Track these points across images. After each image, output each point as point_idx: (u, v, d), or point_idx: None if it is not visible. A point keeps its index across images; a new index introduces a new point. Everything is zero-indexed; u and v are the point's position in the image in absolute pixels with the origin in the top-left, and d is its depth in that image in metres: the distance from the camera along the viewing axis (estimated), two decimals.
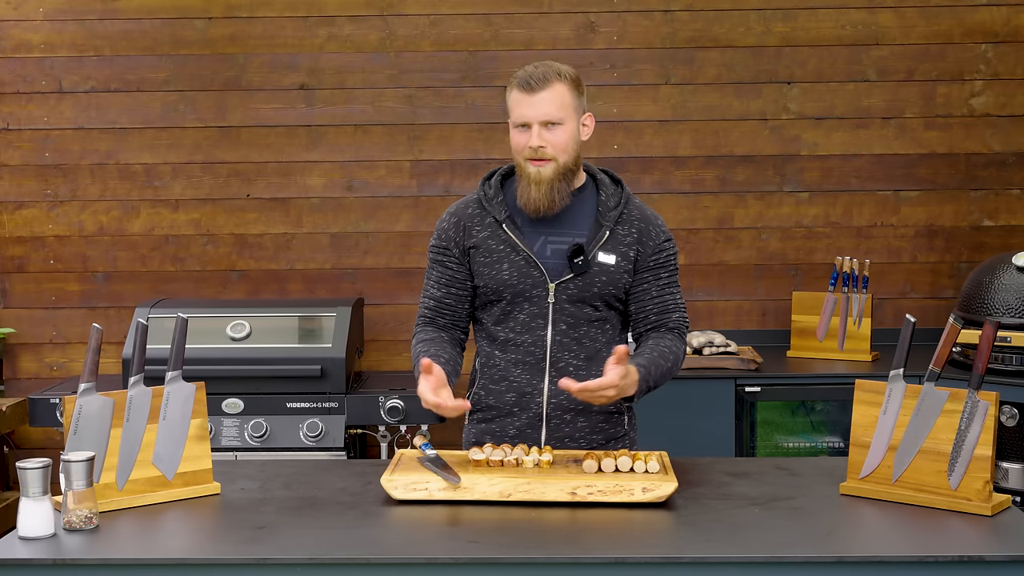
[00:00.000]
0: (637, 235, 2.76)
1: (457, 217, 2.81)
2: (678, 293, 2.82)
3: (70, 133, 4.68)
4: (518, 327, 2.75)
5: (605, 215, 2.75)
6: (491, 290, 2.75)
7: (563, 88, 2.68)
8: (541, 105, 2.66)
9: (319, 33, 4.65)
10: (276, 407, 4.14)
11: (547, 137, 2.67)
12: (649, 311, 2.78)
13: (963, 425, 2.37)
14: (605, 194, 2.77)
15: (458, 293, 2.79)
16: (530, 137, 2.67)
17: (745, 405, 4.11)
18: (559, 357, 2.74)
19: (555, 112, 2.67)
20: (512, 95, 2.71)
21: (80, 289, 4.73)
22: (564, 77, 2.69)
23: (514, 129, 2.72)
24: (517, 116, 2.69)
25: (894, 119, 4.67)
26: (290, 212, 4.71)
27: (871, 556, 2.12)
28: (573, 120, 2.70)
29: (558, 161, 2.68)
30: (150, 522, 2.36)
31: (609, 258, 2.73)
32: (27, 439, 4.77)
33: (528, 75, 2.68)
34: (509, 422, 2.78)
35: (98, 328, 2.42)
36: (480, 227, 2.77)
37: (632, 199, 2.81)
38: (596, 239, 2.73)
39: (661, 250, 2.78)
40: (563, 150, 2.69)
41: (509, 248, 2.74)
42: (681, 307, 2.82)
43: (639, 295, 2.78)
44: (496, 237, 2.75)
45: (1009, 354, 3.86)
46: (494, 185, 2.80)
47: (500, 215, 2.75)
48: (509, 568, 2.12)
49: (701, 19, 4.64)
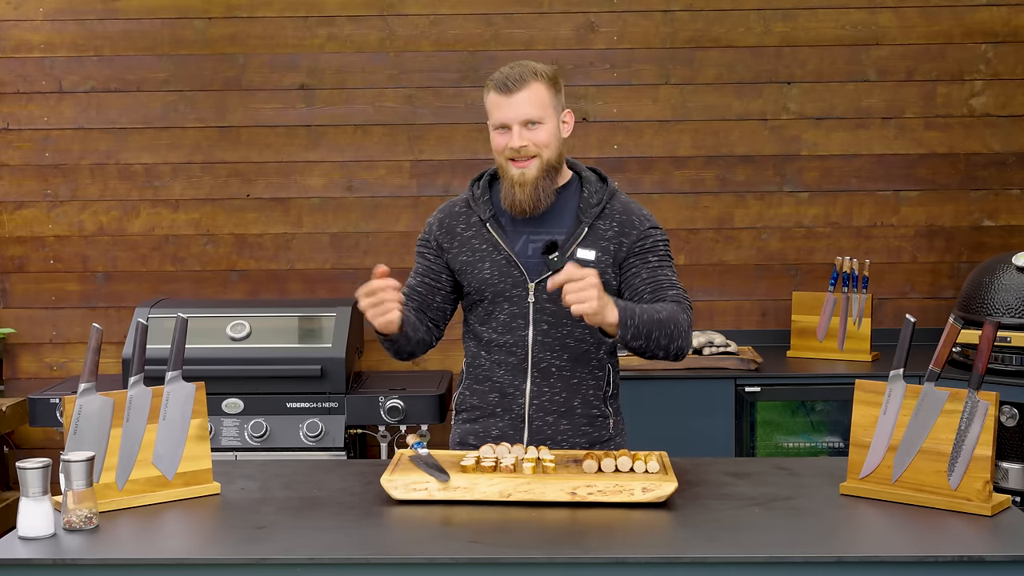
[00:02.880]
0: (618, 227, 2.73)
1: (443, 214, 2.84)
2: (673, 275, 2.73)
3: (70, 133, 4.68)
4: (500, 327, 2.75)
5: (586, 211, 2.73)
6: (474, 289, 2.77)
7: (540, 87, 2.67)
8: (520, 106, 2.66)
9: (319, 33, 4.65)
10: (276, 407, 4.14)
11: (528, 136, 2.67)
12: (642, 292, 2.69)
13: (963, 425, 2.37)
14: (588, 191, 2.76)
15: (431, 284, 2.81)
16: (510, 138, 2.67)
17: (745, 405, 4.11)
18: (541, 357, 2.74)
19: (534, 112, 2.66)
20: (490, 97, 2.71)
21: (80, 289, 4.73)
22: (541, 76, 2.68)
23: (494, 131, 2.72)
24: (497, 118, 2.69)
25: (894, 119, 4.67)
26: (290, 212, 4.71)
27: (871, 556, 2.12)
28: (553, 118, 2.70)
29: (542, 157, 2.68)
30: (150, 522, 2.36)
31: (588, 254, 2.71)
32: (27, 439, 4.77)
33: (504, 76, 2.67)
34: (492, 423, 2.78)
35: (98, 328, 2.42)
36: (465, 226, 2.79)
37: (617, 195, 2.79)
38: (575, 235, 2.72)
39: (646, 236, 2.73)
40: (545, 146, 2.68)
41: (491, 247, 2.75)
42: (677, 286, 2.71)
43: (630, 279, 2.72)
44: (479, 236, 2.77)
45: (1009, 354, 3.86)
46: (482, 185, 2.82)
47: (484, 214, 2.77)
48: (509, 568, 2.12)
49: (701, 19, 4.64)
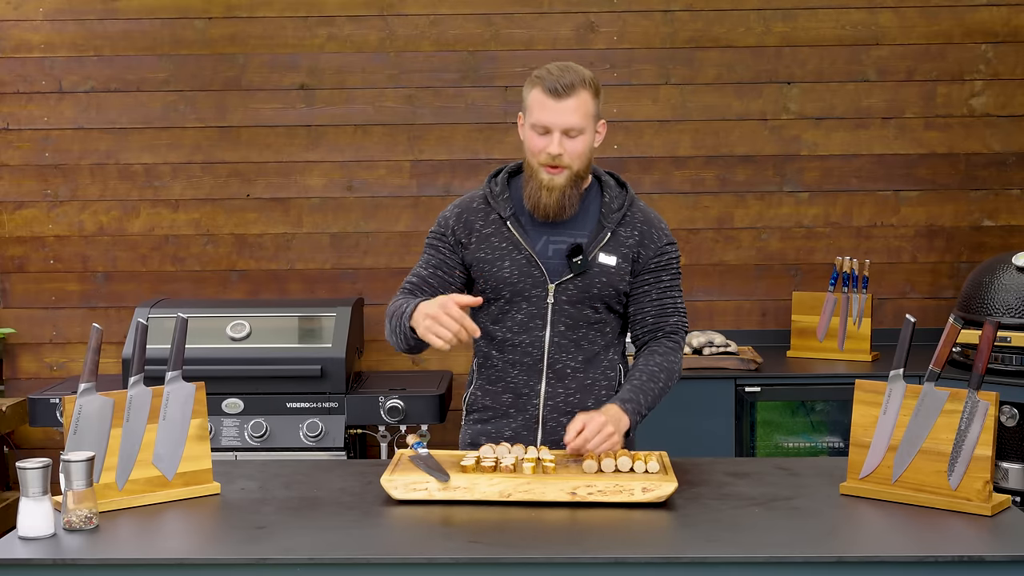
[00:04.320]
0: (639, 237, 2.75)
1: (460, 209, 2.79)
2: (679, 297, 2.80)
3: (70, 133, 4.68)
4: (516, 327, 2.75)
5: (608, 216, 2.74)
6: (490, 287, 2.74)
7: (587, 96, 2.65)
8: (566, 114, 2.62)
9: (319, 33, 4.65)
10: (276, 407, 4.14)
11: (567, 145, 2.64)
12: (647, 313, 2.77)
13: (963, 425, 2.37)
14: (609, 196, 2.76)
15: (444, 277, 2.77)
16: (549, 143, 2.63)
17: (745, 405, 4.11)
18: (557, 358, 2.74)
19: (579, 121, 2.64)
20: (535, 95, 2.65)
21: (80, 289, 4.73)
22: (588, 85, 2.65)
23: (531, 130, 2.66)
24: (539, 119, 2.64)
25: (894, 119, 4.67)
26: (290, 212, 4.71)
27: (871, 556, 2.12)
28: (592, 129, 2.68)
29: (572, 169, 2.66)
30: (150, 522, 2.36)
31: (610, 259, 2.72)
32: (27, 439, 4.77)
33: (556, 80, 2.62)
34: (505, 423, 2.77)
35: (98, 328, 2.42)
36: (483, 223, 2.76)
37: (636, 202, 2.80)
38: (597, 240, 2.72)
39: (663, 253, 2.77)
40: (579, 157, 2.66)
41: (511, 246, 2.73)
42: (681, 311, 2.80)
43: (638, 297, 2.77)
44: (499, 234, 2.74)
45: (1009, 354, 3.86)
46: (500, 182, 2.78)
47: (505, 212, 2.74)
48: (509, 568, 2.12)
49: (701, 19, 4.64)
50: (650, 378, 2.70)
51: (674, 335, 2.79)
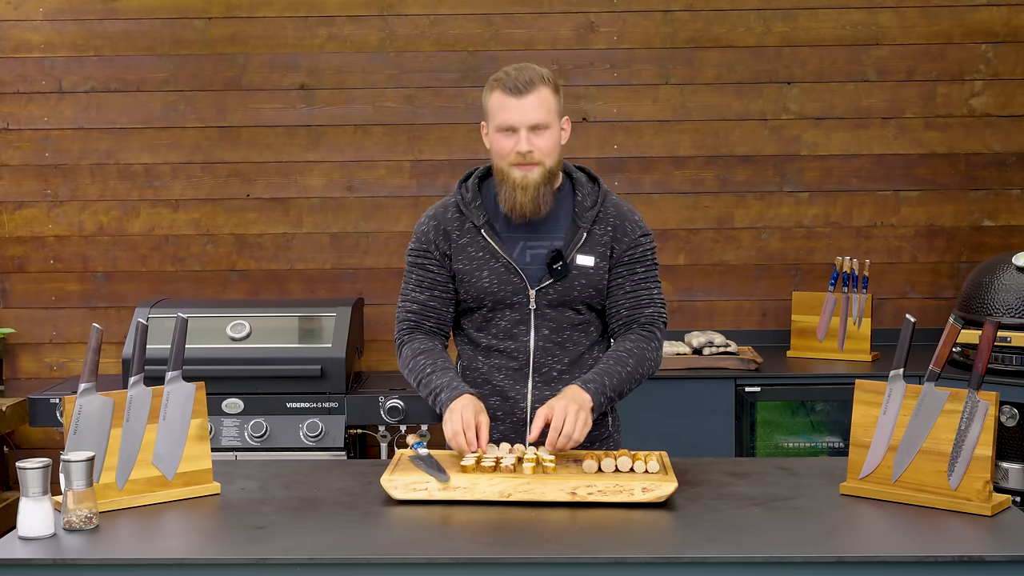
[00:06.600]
0: (612, 232, 2.74)
1: (436, 221, 2.77)
2: (655, 289, 2.77)
3: (70, 133, 4.68)
4: (500, 333, 2.74)
5: (582, 216, 2.73)
6: (472, 297, 2.73)
7: (548, 92, 2.66)
8: (529, 110, 2.63)
9: (319, 33, 4.65)
10: (276, 407, 4.14)
11: (535, 142, 2.64)
12: (621, 305, 2.75)
13: (963, 425, 2.37)
14: (581, 194, 2.75)
15: (442, 296, 2.76)
16: (517, 141, 2.63)
17: (745, 405, 4.11)
18: (543, 362, 2.74)
19: (543, 116, 2.64)
20: (494, 98, 2.66)
21: (80, 289, 4.73)
22: (547, 81, 2.66)
23: (497, 133, 2.67)
24: (502, 120, 2.65)
25: (894, 119, 4.67)
26: (290, 212, 4.71)
27: (871, 556, 2.12)
28: (556, 124, 2.68)
29: (544, 165, 2.66)
30: (150, 522, 2.36)
31: (588, 260, 2.71)
32: (27, 439, 4.77)
33: (513, 79, 2.63)
34: (493, 426, 2.75)
35: (98, 328, 2.42)
36: (459, 232, 2.74)
37: (609, 196, 2.78)
38: (574, 241, 2.71)
39: (636, 245, 2.75)
40: (549, 154, 2.66)
41: (488, 255, 2.72)
42: (657, 303, 2.77)
43: (613, 290, 2.75)
44: (475, 244, 2.73)
45: (1009, 354, 3.86)
46: (471, 188, 2.76)
47: (479, 220, 2.72)
48: (509, 568, 2.12)
49: (701, 19, 4.64)
50: (616, 362, 2.67)
51: (649, 326, 2.75)
